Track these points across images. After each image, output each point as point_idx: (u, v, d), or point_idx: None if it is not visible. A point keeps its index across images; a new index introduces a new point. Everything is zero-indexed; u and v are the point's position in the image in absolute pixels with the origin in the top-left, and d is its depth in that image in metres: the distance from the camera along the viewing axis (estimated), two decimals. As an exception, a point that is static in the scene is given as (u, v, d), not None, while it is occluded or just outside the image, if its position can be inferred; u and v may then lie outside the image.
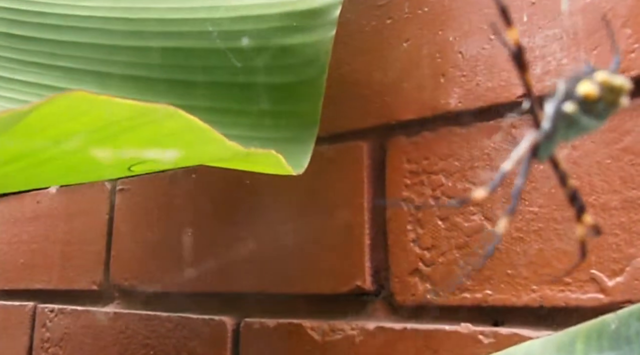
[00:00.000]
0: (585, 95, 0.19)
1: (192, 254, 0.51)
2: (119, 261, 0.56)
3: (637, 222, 0.33)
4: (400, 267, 0.40)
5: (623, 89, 0.19)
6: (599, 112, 0.19)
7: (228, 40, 0.38)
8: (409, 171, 0.41)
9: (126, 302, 0.55)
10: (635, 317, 0.29)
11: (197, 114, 0.38)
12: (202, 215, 0.51)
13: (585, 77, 0.19)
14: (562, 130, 0.20)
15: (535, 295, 0.35)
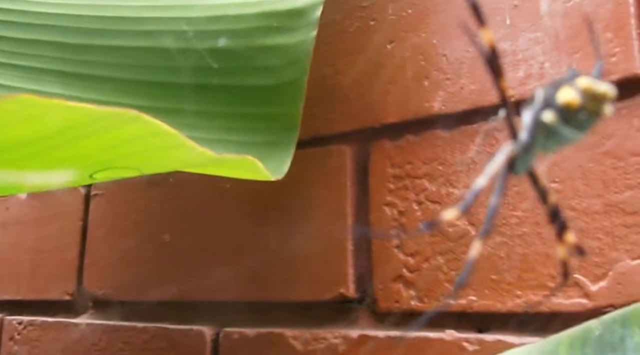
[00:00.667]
0: (565, 103, 0.18)
1: (169, 261, 0.51)
2: (93, 269, 0.56)
3: (619, 226, 0.34)
4: (384, 273, 0.42)
5: (607, 96, 0.18)
6: (580, 122, 0.18)
7: (204, 40, 0.39)
8: (393, 175, 0.42)
9: (100, 313, 0.55)
10: (618, 323, 0.30)
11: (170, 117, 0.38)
12: (180, 221, 0.52)
13: (567, 83, 0.18)
14: (540, 141, 0.19)
15: (519, 301, 0.37)
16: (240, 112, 0.38)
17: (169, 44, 0.39)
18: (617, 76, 0.35)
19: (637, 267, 0.34)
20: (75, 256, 0.57)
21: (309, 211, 0.45)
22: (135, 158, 0.29)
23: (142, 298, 0.52)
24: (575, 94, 0.18)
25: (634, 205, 0.34)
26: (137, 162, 0.30)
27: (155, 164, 0.32)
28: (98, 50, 0.39)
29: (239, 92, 0.38)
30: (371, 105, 0.44)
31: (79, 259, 0.57)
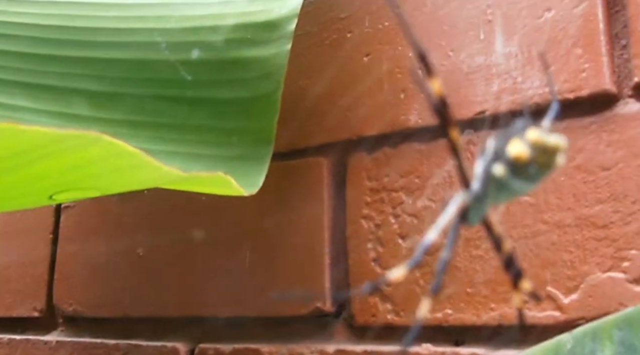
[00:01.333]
0: (515, 157, 0.18)
1: (143, 276, 0.52)
2: (63, 285, 0.57)
3: (590, 239, 0.37)
4: (361, 286, 0.43)
5: (558, 149, 0.18)
6: (531, 174, 0.18)
7: (178, 51, 0.40)
8: (370, 188, 0.44)
9: (71, 330, 0.56)
10: (589, 336, 0.33)
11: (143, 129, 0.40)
12: (154, 234, 0.53)
13: (517, 135, 0.18)
14: (492, 192, 0.19)
15: (494, 314, 0.39)
16: (214, 126, 0.39)
17: (142, 55, 0.40)
18: (587, 92, 0.37)
19: (607, 279, 0.36)
20: (45, 271, 0.58)
21: (286, 224, 0.47)
22: (97, 179, 0.30)
23: (115, 314, 0.53)
24: (525, 147, 0.18)
25: (604, 218, 0.36)
26: (99, 182, 0.31)
27: (119, 184, 0.33)
28: (68, 61, 0.40)
29: (212, 105, 0.40)
30: (348, 117, 0.45)
31: (48, 274, 0.58)
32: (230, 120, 0.39)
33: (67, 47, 0.41)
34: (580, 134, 0.38)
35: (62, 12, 0.41)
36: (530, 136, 0.18)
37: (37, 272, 0.59)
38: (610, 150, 0.37)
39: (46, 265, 0.58)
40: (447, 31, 0.43)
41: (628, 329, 0.32)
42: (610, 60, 0.38)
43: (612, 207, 0.36)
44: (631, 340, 0.32)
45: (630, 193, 0.36)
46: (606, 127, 0.37)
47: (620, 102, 0.37)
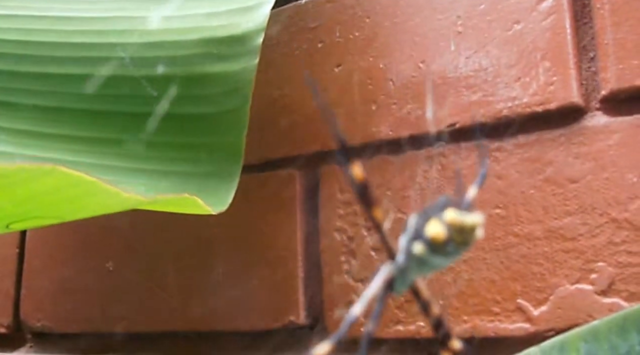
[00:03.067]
0: (432, 237, 0.20)
1: (113, 291, 0.53)
2: (30, 301, 0.58)
3: (559, 252, 0.39)
4: (335, 299, 0.45)
5: (475, 227, 0.20)
6: (449, 252, 0.20)
7: (142, 67, 0.41)
8: (342, 201, 0.46)
9: (40, 346, 0.57)
10: (557, 349, 0.35)
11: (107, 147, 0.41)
12: (123, 248, 0.54)
13: (436, 215, 0.20)
14: (415, 266, 0.21)
15: (466, 326, 0.41)
16: (181, 142, 0.40)
17: (104, 71, 0.41)
18: (555, 104, 0.39)
19: (575, 291, 0.38)
20: (11, 286, 0.59)
21: (259, 237, 0.48)
22: (55, 208, 0.30)
23: (85, 330, 0.54)
24: (442, 228, 0.20)
25: (572, 231, 0.38)
26: (57, 211, 0.31)
27: (78, 211, 0.34)
28: (26, 77, 0.41)
29: (179, 121, 0.41)
30: (319, 129, 0.47)
31: (15, 289, 0.58)
32: (197, 137, 0.40)
33: (26, 62, 0.41)
34: (550, 146, 0.40)
35: (20, 26, 0.41)
36: (448, 217, 0.20)
37: (3, 288, 0.59)
38: (578, 163, 0.39)
39: (12, 280, 0.59)
40: (418, 42, 0.44)
41: (594, 342, 0.34)
42: (577, 73, 0.39)
43: (581, 220, 0.38)
44: (596, 353, 0.34)
45: (598, 205, 0.38)
46: (574, 140, 0.39)
47: (587, 115, 0.39)
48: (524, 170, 0.40)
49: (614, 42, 0.39)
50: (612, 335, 0.34)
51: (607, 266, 0.37)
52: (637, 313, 0.34)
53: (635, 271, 0.37)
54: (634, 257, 0.37)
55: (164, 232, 0.52)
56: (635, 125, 0.38)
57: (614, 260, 0.37)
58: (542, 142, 0.40)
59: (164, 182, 0.39)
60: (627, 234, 0.37)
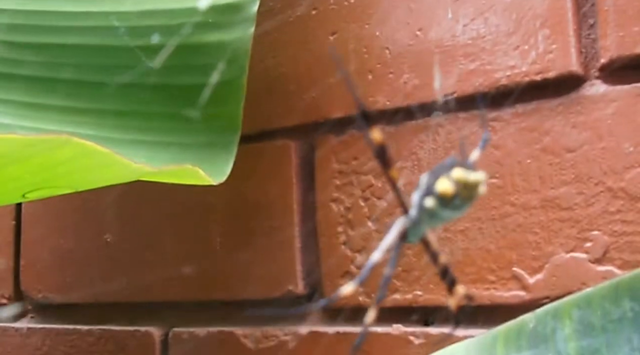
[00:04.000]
0: (441, 193, 0.23)
1: (112, 262, 0.54)
2: (30, 272, 0.58)
3: (555, 221, 0.39)
4: (332, 269, 0.46)
5: (478, 184, 0.23)
6: (456, 205, 0.23)
7: (137, 36, 0.40)
8: (339, 171, 0.46)
9: (41, 317, 0.58)
10: (551, 315, 0.35)
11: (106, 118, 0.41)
12: (121, 220, 0.54)
13: (444, 173, 0.23)
14: (426, 218, 0.24)
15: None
16: (179, 113, 0.40)
17: (99, 40, 0.41)
18: (554, 73, 0.39)
19: (570, 259, 0.39)
20: (10, 258, 0.59)
21: (256, 208, 0.48)
22: (69, 178, 0.31)
23: (85, 300, 0.55)
24: (450, 184, 0.23)
25: (568, 200, 0.39)
26: (71, 181, 0.32)
27: (90, 181, 0.35)
28: (20, 47, 0.41)
29: (176, 92, 0.40)
30: (315, 99, 0.47)
31: (14, 261, 0.59)
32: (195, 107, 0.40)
33: (20, 32, 0.41)
34: (547, 115, 0.40)
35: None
36: (455, 174, 0.23)
37: (3, 259, 0.60)
38: (575, 132, 0.39)
39: (10, 252, 0.59)
40: (415, 9, 0.44)
41: (587, 308, 0.35)
42: (577, 40, 0.39)
43: (577, 189, 0.39)
44: (589, 319, 0.35)
45: (594, 175, 0.38)
46: (572, 109, 0.39)
47: (586, 83, 0.39)
48: (521, 140, 0.40)
49: (614, 8, 0.38)
50: (605, 302, 0.35)
51: (602, 235, 0.38)
52: (630, 280, 0.34)
53: (629, 240, 0.37)
54: (628, 225, 0.37)
55: (160, 203, 0.53)
56: (634, 94, 0.38)
57: (609, 229, 0.38)
58: (540, 112, 0.40)
59: (164, 153, 0.39)
60: (623, 203, 0.37)
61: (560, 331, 0.35)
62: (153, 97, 0.41)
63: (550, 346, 0.35)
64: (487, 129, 0.39)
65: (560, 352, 0.35)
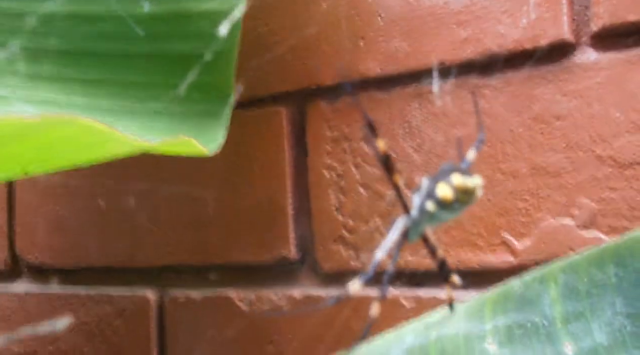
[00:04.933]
0: (441, 198, 0.25)
1: (107, 227, 0.55)
2: (25, 237, 0.59)
3: (544, 188, 0.40)
4: (324, 234, 0.46)
5: (476, 188, 0.25)
6: (455, 208, 0.25)
7: (127, 4, 0.40)
8: (331, 138, 0.46)
9: (38, 280, 0.59)
10: (537, 280, 0.36)
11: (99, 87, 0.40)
12: (115, 184, 0.54)
13: (444, 178, 0.25)
14: (426, 219, 0.26)
15: (452, 259, 0.42)
16: (171, 82, 0.40)
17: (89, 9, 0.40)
18: (545, 41, 0.39)
19: (558, 225, 0.39)
20: (4, 223, 0.59)
21: (249, 174, 0.49)
22: (69, 155, 0.31)
23: (80, 264, 0.56)
24: (450, 190, 0.25)
25: (557, 167, 0.39)
26: (71, 158, 0.32)
27: (90, 158, 0.35)
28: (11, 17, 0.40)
29: (168, 61, 0.40)
30: (307, 65, 0.46)
31: (7, 226, 0.59)
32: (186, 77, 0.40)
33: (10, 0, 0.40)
34: (538, 83, 0.40)
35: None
36: (454, 181, 0.25)
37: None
38: (565, 100, 0.39)
39: (4, 218, 0.59)
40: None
41: (572, 273, 0.36)
42: (569, 8, 0.39)
43: (566, 156, 0.39)
44: (574, 283, 0.36)
45: (583, 142, 0.39)
46: (562, 77, 0.39)
47: (577, 51, 0.39)
48: (512, 107, 0.40)
49: (607, -26, 0.38)
50: (591, 267, 0.36)
51: (589, 201, 0.39)
52: (615, 247, 0.35)
53: (616, 206, 0.38)
54: (615, 192, 0.38)
55: (153, 169, 0.53)
56: (624, 61, 0.38)
57: (597, 195, 0.38)
58: (531, 79, 0.40)
59: (156, 122, 0.39)
60: (610, 170, 0.38)
61: (546, 295, 0.36)
62: (145, 66, 0.40)
63: (536, 309, 0.36)
64: (482, 130, 0.39)
65: (545, 315, 0.36)
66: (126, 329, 0.54)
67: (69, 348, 0.57)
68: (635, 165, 0.37)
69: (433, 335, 0.37)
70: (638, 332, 0.34)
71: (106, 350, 0.55)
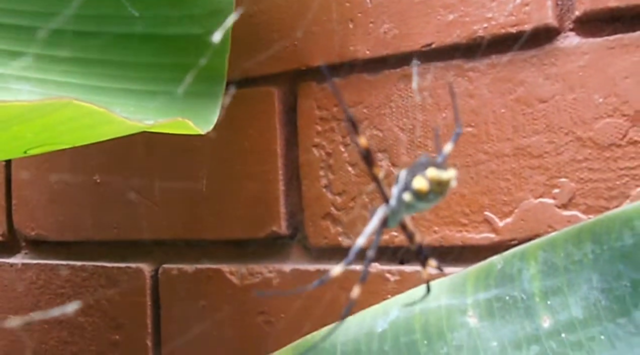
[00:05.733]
0: (417, 190, 0.27)
1: (101, 202, 0.56)
2: (22, 211, 0.60)
3: (526, 168, 0.41)
4: (314, 211, 0.48)
5: (449, 181, 0.26)
6: (430, 199, 0.27)
7: None
8: (320, 118, 0.47)
9: (36, 253, 0.60)
10: (517, 257, 0.38)
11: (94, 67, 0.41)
12: (111, 160, 0.55)
13: (420, 171, 0.26)
14: (403, 209, 0.28)
15: (436, 236, 0.44)
16: (166, 63, 0.41)
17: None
18: (529, 26, 0.40)
19: (539, 205, 0.41)
20: (2, 197, 0.61)
21: (241, 152, 0.50)
22: (68, 136, 0.32)
23: (78, 238, 0.57)
24: (425, 182, 0.26)
25: (539, 148, 0.40)
26: (70, 138, 0.33)
27: (88, 138, 0.36)
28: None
29: (163, 42, 0.41)
30: (297, 47, 0.47)
31: (5, 200, 0.60)
32: (182, 57, 0.40)
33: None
34: (522, 67, 0.41)
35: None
36: (429, 174, 0.26)
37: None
38: (548, 83, 0.40)
39: (2, 191, 0.60)
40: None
41: (551, 251, 0.38)
42: (554, -8, 0.40)
43: (547, 138, 0.40)
44: (553, 260, 0.37)
45: (564, 125, 0.40)
46: (546, 61, 0.40)
47: (560, 36, 0.40)
48: (496, 89, 0.41)
49: (591, -40, 0.39)
50: (569, 245, 0.37)
51: (569, 182, 0.40)
52: (592, 225, 0.37)
53: (594, 186, 0.39)
54: (594, 173, 0.39)
55: (147, 146, 0.54)
56: (605, 46, 0.38)
57: (576, 176, 0.40)
58: (515, 63, 0.41)
59: (152, 102, 0.40)
60: (590, 151, 0.39)
61: (525, 271, 0.38)
62: (140, 48, 0.41)
63: (516, 285, 0.38)
64: (459, 124, 0.41)
65: (525, 290, 0.38)
66: (122, 300, 0.55)
67: (66, 318, 0.58)
68: (613, 147, 0.38)
69: (417, 308, 0.39)
70: (612, 306, 0.36)
71: (102, 321, 0.56)
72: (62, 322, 0.58)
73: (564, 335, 0.37)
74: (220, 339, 0.51)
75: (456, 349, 0.38)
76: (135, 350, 0.55)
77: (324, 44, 0.46)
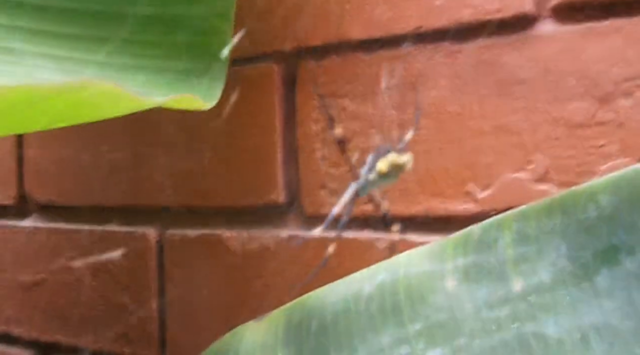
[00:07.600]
0: (379, 171, 0.36)
1: (109, 170, 0.61)
2: (33, 177, 0.65)
3: (505, 145, 0.46)
4: (310, 182, 0.53)
5: (406, 164, 0.36)
6: (390, 177, 0.36)
7: None
8: (318, 94, 0.52)
9: (45, 217, 0.66)
10: (494, 226, 0.43)
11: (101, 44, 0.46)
12: (114, 133, 0.61)
13: (383, 155, 0.36)
14: (370, 184, 0.37)
15: (421, 207, 0.49)
16: (172, 41, 0.46)
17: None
18: (510, 13, 0.45)
19: (515, 179, 0.46)
20: (13, 163, 0.66)
21: (241, 127, 0.55)
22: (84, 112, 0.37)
23: (87, 203, 0.63)
24: (386, 165, 0.36)
25: (517, 126, 0.46)
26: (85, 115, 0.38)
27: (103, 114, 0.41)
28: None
29: (169, 21, 0.46)
30: (296, 26, 0.52)
31: (17, 166, 0.66)
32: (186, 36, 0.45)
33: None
34: (504, 50, 0.46)
35: None
36: (390, 158, 0.36)
37: (6, 165, 0.67)
38: (527, 67, 0.45)
39: (15, 158, 0.66)
40: None
41: (524, 221, 0.43)
42: (535, -19, 0.44)
43: (525, 117, 0.45)
44: (525, 230, 0.43)
45: (540, 105, 0.45)
46: (526, 45, 0.45)
47: (539, 22, 0.45)
48: (480, 71, 0.46)
49: (570, -48, 0.43)
50: (540, 216, 0.43)
51: (543, 158, 0.45)
52: (562, 198, 0.42)
53: (566, 162, 0.44)
54: (567, 150, 0.44)
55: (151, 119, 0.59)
56: (579, 33, 0.43)
57: (550, 153, 0.45)
58: (499, 46, 0.46)
59: (161, 78, 0.45)
60: (563, 130, 0.44)
61: (501, 240, 0.43)
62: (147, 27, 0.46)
63: (492, 252, 0.43)
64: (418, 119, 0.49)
65: (499, 257, 0.43)
66: (128, 264, 0.61)
67: (74, 280, 0.64)
68: (584, 126, 0.44)
69: (401, 272, 0.45)
70: (576, 271, 0.41)
71: (109, 283, 0.62)
72: (71, 284, 0.64)
73: (533, 297, 0.42)
74: (220, 301, 0.57)
75: (435, 310, 0.44)
76: (140, 311, 0.61)
77: (321, 24, 0.51)
